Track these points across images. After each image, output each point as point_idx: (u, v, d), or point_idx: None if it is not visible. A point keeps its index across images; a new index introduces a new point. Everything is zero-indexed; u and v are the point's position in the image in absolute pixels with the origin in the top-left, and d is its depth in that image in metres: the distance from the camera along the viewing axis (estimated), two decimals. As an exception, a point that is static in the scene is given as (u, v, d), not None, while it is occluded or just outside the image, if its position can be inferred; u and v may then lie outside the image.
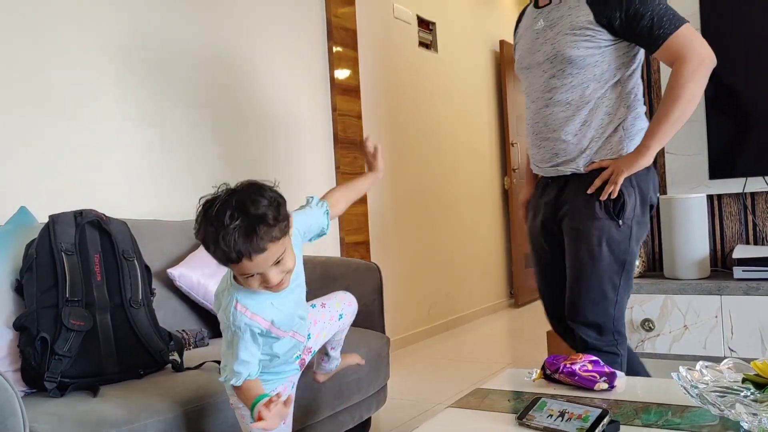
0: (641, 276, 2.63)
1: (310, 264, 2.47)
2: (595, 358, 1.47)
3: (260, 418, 1.22)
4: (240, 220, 1.17)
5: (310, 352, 1.59)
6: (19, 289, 1.64)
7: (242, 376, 1.32)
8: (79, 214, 1.74)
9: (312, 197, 1.48)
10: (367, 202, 3.78)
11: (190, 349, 2.00)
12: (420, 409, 2.77)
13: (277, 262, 1.23)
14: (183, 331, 2.05)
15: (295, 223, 1.34)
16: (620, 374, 1.46)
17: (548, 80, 1.85)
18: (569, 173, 1.86)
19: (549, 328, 3.46)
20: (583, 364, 1.45)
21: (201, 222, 1.21)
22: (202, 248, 2.25)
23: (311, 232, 1.46)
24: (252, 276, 1.23)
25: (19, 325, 1.59)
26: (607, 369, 1.45)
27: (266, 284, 1.25)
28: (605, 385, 1.42)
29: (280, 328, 1.38)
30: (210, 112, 2.86)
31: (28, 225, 1.81)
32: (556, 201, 1.90)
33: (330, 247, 3.49)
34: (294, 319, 1.42)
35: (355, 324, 2.32)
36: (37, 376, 1.55)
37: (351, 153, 3.66)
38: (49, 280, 1.63)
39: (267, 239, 1.19)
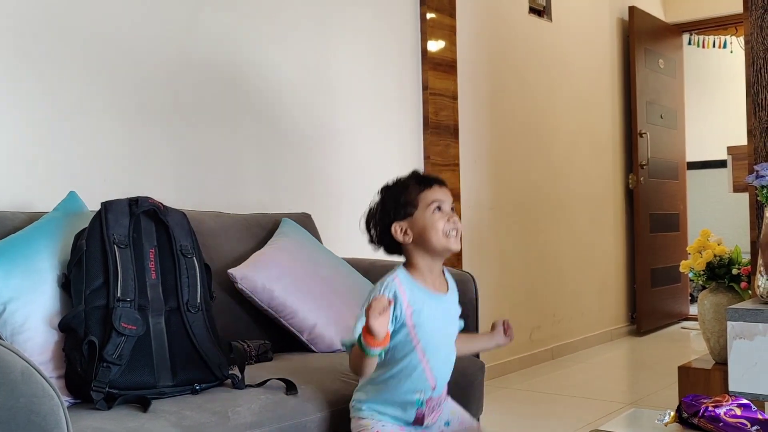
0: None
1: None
2: (745, 401, 1.42)
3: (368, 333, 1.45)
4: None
5: (436, 413, 1.67)
6: (65, 285, 1.73)
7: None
8: (134, 202, 1.82)
9: None
10: (460, 200, 3.78)
11: (252, 363, 2.05)
12: (518, 452, 2.75)
13: (452, 209, 1.64)
14: (244, 341, 2.11)
15: None
16: (777, 423, 1.41)
17: None
18: None
19: (681, 361, 3.36)
20: (730, 407, 1.41)
21: (386, 188, 1.68)
22: (268, 247, 2.32)
23: None
24: (439, 207, 1.60)
25: (65, 326, 1.68)
26: (760, 415, 1.40)
27: (451, 219, 1.61)
28: (758, 436, 1.37)
29: (420, 338, 1.58)
30: (276, 82, 2.93)
31: (77, 212, 1.90)
32: None
33: (414, 252, 3.51)
34: (436, 335, 1.61)
35: (444, 345, 2.32)
36: (83, 384, 1.63)
37: (443, 140, 3.66)
38: (99, 277, 1.71)
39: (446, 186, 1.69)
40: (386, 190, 1.67)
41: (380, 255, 1.74)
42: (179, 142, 2.57)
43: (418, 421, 1.64)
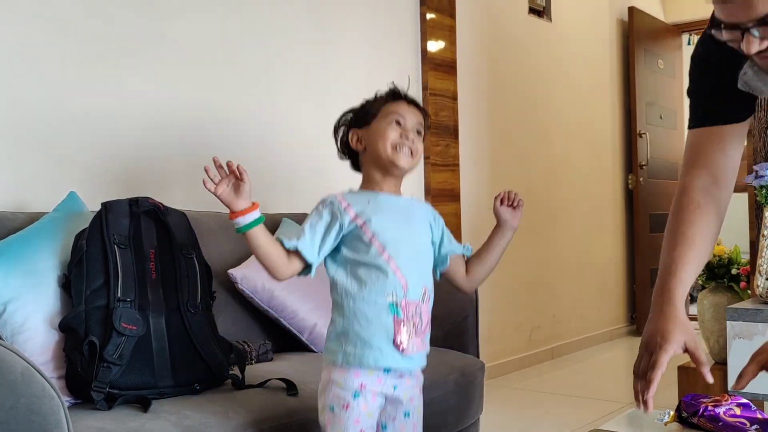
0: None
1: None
2: (745, 400, 1.42)
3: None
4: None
5: (418, 338, 1.51)
6: (66, 285, 1.73)
7: (292, 240, 1.48)
8: (134, 203, 1.82)
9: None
10: (460, 200, 3.78)
11: (252, 363, 2.06)
12: (517, 452, 2.75)
13: (418, 132, 1.59)
14: (244, 342, 2.11)
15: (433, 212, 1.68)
16: (777, 423, 1.41)
17: None
18: None
19: (680, 361, 3.36)
20: (729, 407, 1.41)
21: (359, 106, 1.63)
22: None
23: (439, 244, 1.65)
24: (398, 122, 1.55)
25: (65, 327, 1.68)
26: (760, 415, 1.40)
27: (404, 134, 1.54)
28: (757, 436, 1.37)
29: (375, 232, 1.49)
30: (276, 82, 2.93)
31: (77, 212, 1.90)
32: None
33: (414, 253, 3.51)
34: (392, 230, 1.51)
35: (445, 345, 2.32)
36: (83, 384, 1.63)
37: (443, 140, 3.66)
38: (100, 277, 1.71)
39: (420, 107, 1.62)
40: (362, 102, 1.63)
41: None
42: (179, 141, 2.57)
43: (398, 345, 1.47)
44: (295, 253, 1.49)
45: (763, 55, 1.18)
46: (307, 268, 1.51)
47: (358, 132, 1.58)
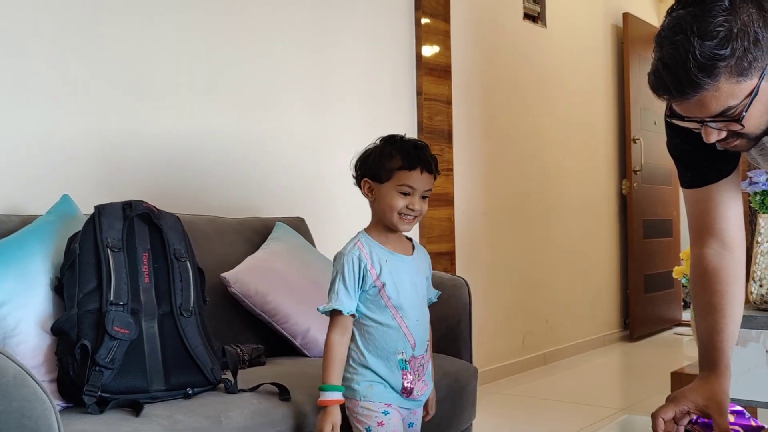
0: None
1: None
2: (739, 408, 1.43)
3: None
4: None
5: (421, 380, 1.73)
6: (58, 288, 1.73)
7: (342, 302, 1.64)
8: (128, 206, 1.82)
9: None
10: (454, 205, 3.78)
11: (244, 367, 2.05)
12: (510, 458, 2.75)
13: (423, 197, 1.68)
14: (237, 345, 2.11)
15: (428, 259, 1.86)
16: (770, 430, 1.41)
17: None
18: None
19: (674, 367, 3.37)
20: (722, 414, 1.41)
21: (384, 142, 1.73)
22: (261, 251, 2.32)
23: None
24: (405, 192, 1.65)
25: (57, 330, 1.67)
26: (753, 422, 1.40)
27: (410, 206, 1.65)
28: (750, 443, 1.37)
29: (390, 296, 1.66)
30: (273, 86, 2.93)
31: (71, 215, 1.90)
32: None
33: (408, 257, 3.51)
34: (404, 294, 1.69)
35: (438, 350, 2.33)
36: (75, 388, 1.62)
37: (437, 145, 3.66)
38: (92, 280, 1.70)
39: (433, 169, 1.69)
40: (384, 146, 1.72)
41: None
42: (173, 144, 2.57)
43: (406, 390, 1.69)
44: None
45: (723, 142, 1.26)
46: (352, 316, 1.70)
47: (370, 182, 1.71)
